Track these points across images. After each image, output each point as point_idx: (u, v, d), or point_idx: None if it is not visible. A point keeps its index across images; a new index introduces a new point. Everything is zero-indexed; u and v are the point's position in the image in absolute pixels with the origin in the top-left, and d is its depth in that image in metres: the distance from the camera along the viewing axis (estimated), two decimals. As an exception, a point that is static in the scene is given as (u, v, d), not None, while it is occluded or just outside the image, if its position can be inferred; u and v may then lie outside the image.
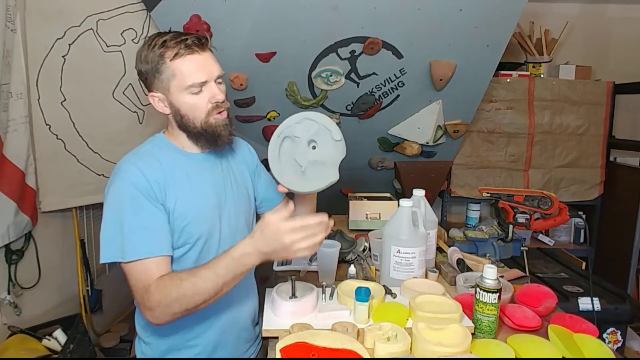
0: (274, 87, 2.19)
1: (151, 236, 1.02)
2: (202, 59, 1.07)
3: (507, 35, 2.01)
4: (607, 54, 3.02)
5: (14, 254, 1.81)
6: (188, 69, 1.05)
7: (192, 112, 1.08)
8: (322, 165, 1.08)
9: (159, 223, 1.04)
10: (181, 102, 1.08)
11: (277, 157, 1.10)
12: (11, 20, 1.69)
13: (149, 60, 1.07)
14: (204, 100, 1.08)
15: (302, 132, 1.09)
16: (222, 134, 1.12)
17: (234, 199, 1.20)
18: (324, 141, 1.09)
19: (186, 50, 1.04)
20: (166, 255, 1.04)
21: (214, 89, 1.08)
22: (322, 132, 1.09)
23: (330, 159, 1.09)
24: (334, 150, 1.09)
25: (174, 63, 1.05)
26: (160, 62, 1.05)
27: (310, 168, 1.08)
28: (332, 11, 1.84)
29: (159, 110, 1.12)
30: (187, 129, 1.11)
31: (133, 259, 1.00)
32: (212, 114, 1.09)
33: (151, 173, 1.05)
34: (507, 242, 1.60)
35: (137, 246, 1.00)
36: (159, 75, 1.07)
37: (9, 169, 1.73)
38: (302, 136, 1.09)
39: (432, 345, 0.95)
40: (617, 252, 2.67)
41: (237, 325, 1.22)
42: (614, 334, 1.84)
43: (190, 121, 1.09)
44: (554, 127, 2.70)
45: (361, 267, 1.47)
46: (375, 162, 2.63)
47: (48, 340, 1.73)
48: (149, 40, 1.08)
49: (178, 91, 1.06)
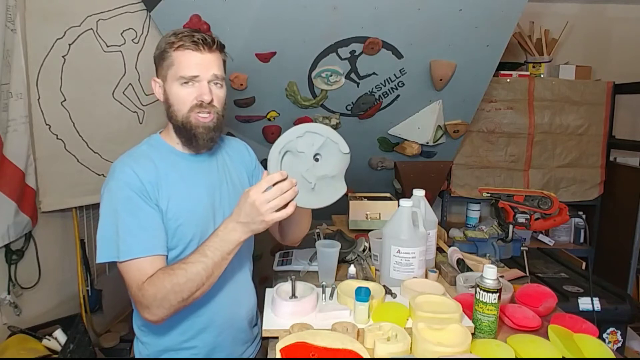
0: (274, 87, 2.19)
1: (146, 235, 1.03)
2: (202, 57, 1.08)
3: (507, 35, 2.01)
4: (607, 54, 3.02)
5: (14, 254, 1.81)
6: (185, 61, 1.07)
7: (177, 104, 1.09)
8: (331, 179, 1.05)
9: (154, 222, 1.05)
10: (172, 91, 1.09)
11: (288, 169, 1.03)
12: (11, 20, 1.69)
13: (159, 46, 1.11)
14: (190, 96, 1.08)
15: (305, 146, 1.03)
16: (199, 136, 1.10)
17: (230, 200, 1.19)
18: (329, 154, 1.05)
19: (191, 45, 1.07)
20: (161, 255, 1.05)
21: (204, 87, 1.08)
22: (328, 145, 1.05)
23: (338, 171, 1.06)
24: (341, 163, 1.06)
25: (176, 53, 1.07)
26: (166, 49, 1.09)
27: (320, 183, 1.04)
28: (332, 11, 1.84)
29: (157, 96, 1.14)
30: (171, 120, 1.13)
31: (128, 258, 1.01)
32: (194, 110, 1.09)
33: (144, 174, 1.07)
34: (507, 242, 1.60)
35: (131, 246, 1.01)
36: (162, 62, 1.10)
37: (9, 169, 1.72)
38: (307, 151, 1.03)
39: (432, 345, 0.95)
40: (617, 252, 2.67)
41: (234, 327, 1.22)
42: (614, 334, 1.84)
43: (175, 112, 1.10)
44: (554, 127, 2.70)
45: (361, 267, 1.47)
46: (375, 162, 2.63)
47: (48, 340, 1.73)
48: (170, 32, 1.11)
49: (172, 80, 1.09)
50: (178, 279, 0.97)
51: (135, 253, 1.01)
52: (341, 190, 1.05)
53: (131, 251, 1.01)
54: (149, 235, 1.03)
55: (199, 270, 0.98)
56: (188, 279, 0.98)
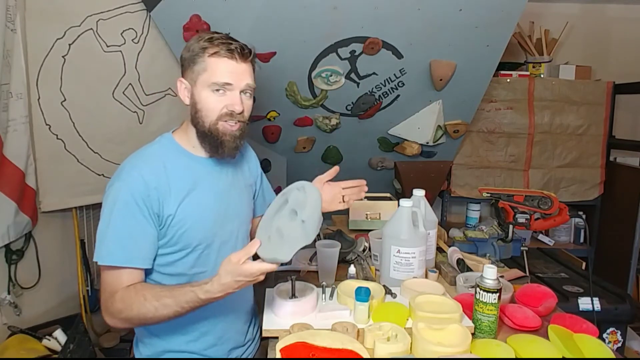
0: (274, 87, 2.19)
1: (132, 245, 1.02)
2: (237, 66, 1.07)
3: (507, 35, 2.01)
4: (607, 54, 3.02)
5: (14, 254, 1.81)
6: (219, 68, 1.06)
7: (206, 110, 1.08)
8: (281, 238, 0.98)
9: (144, 234, 1.04)
10: (201, 97, 1.08)
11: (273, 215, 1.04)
12: (11, 20, 1.69)
13: (191, 49, 1.09)
14: (221, 103, 1.07)
15: (292, 198, 1.04)
16: (226, 144, 1.10)
17: (237, 206, 1.19)
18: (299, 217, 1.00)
19: (227, 53, 1.05)
20: (140, 269, 1.04)
21: (236, 97, 1.08)
22: (301, 207, 1.01)
23: (292, 237, 0.97)
24: (298, 230, 0.97)
25: (211, 59, 1.06)
26: (200, 54, 1.07)
27: (275, 236, 0.99)
28: (332, 11, 1.84)
29: (181, 97, 1.13)
30: (197, 125, 1.11)
31: (108, 263, 1.01)
32: (223, 118, 1.08)
33: (152, 179, 1.05)
34: (507, 242, 1.60)
35: (114, 252, 1.01)
36: (193, 66, 1.08)
37: (9, 169, 1.72)
38: (290, 203, 1.04)
39: (432, 345, 0.95)
40: (617, 252, 2.67)
41: (234, 329, 1.22)
42: (614, 334, 1.84)
43: (202, 118, 1.09)
44: (554, 127, 2.70)
45: (361, 267, 1.47)
46: (375, 162, 2.63)
47: (48, 340, 1.73)
48: (203, 34, 1.10)
49: (202, 85, 1.07)
50: (146, 313, 0.98)
51: (115, 260, 1.01)
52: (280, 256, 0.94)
53: (112, 257, 1.01)
54: (135, 245, 1.03)
55: (169, 315, 0.99)
56: (155, 316, 0.99)
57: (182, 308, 0.98)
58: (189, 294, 0.97)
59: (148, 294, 0.99)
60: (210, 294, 0.96)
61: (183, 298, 0.98)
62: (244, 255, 0.94)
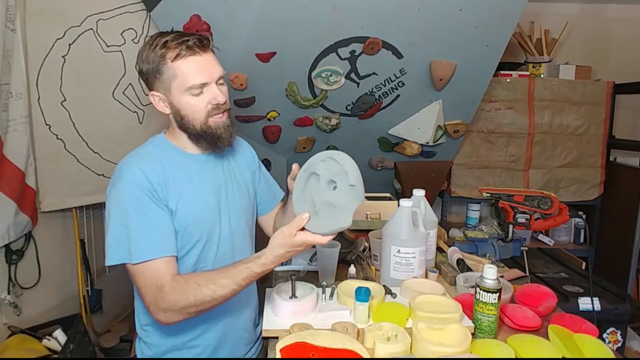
0: (274, 87, 2.19)
1: (158, 237, 1.02)
2: (203, 60, 1.06)
3: (507, 35, 2.01)
4: (607, 54, 3.02)
5: (14, 254, 1.81)
6: (189, 70, 1.04)
7: (192, 114, 1.08)
8: (333, 208, 1.01)
9: (164, 223, 1.05)
10: (182, 103, 1.07)
11: (301, 192, 1.07)
12: (11, 20, 1.69)
13: (150, 60, 1.06)
14: (204, 102, 1.07)
15: (323, 170, 1.04)
16: (223, 136, 1.11)
17: (234, 200, 1.20)
18: (341, 184, 1.03)
19: (188, 52, 1.04)
20: (173, 256, 1.04)
21: (215, 90, 1.08)
22: (341, 175, 1.03)
23: (344, 203, 1.01)
24: (349, 195, 1.01)
25: (175, 64, 1.04)
26: (161, 62, 1.05)
27: (323, 209, 1.02)
28: (332, 11, 1.84)
29: (159, 110, 1.12)
30: (186, 130, 1.11)
31: (141, 260, 1.00)
32: (211, 115, 1.08)
33: (152, 174, 1.05)
34: (507, 242, 1.60)
35: (144, 247, 1.00)
36: (160, 76, 1.06)
37: (9, 169, 1.73)
38: (323, 175, 1.04)
39: (432, 345, 0.95)
40: (617, 252, 2.67)
41: (238, 327, 1.22)
42: (614, 334, 1.84)
43: (190, 122, 1.09)
44: (554, 127, 2.70)
45: (361, 267, 1.47)
46: (375, 162, 2.63)
47: (48, 340, 1.73)
48: (151, 40, 1.07)
49: (179, 92, 1.06)
50: (203, 297, 0.98)
51: (148, 255, 1.00)
52: (342, 223, 1.00)
53: (144, 253, 1.00)
54: (160, 236, 1.03)
55: (227, 295, 1.00)
56: (213, 299, 0.99)
57: (239, 286, 1.00)
58: (244, 271, 1.00)
59: (200, 279, 1.00)
60: (266, 266, 1.00)
61: (239, 276, 1.00)
62: (295, 228, 0.98)
